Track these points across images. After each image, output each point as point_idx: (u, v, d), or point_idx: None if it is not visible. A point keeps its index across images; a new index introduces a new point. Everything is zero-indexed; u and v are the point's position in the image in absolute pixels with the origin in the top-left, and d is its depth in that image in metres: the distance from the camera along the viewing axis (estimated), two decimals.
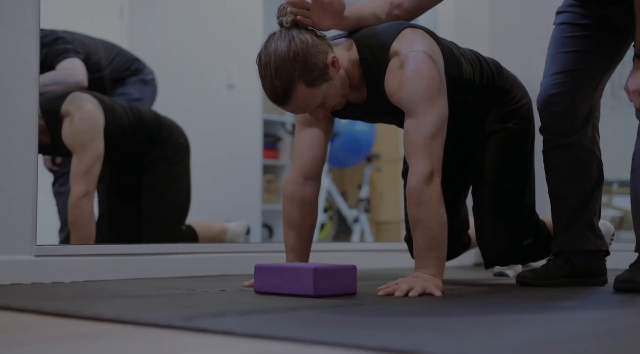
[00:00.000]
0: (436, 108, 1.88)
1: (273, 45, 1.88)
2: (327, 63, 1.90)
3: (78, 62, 3.12)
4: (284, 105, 1.91)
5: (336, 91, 1.94)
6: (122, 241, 3.14)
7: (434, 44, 1.99)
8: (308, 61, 1.86)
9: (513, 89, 2.25)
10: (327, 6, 1.95)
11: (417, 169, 1.87)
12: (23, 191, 2.17)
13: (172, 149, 3.11)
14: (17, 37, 2.20)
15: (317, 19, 1.94)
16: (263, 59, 1.89)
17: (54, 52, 3.11)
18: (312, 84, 1.87)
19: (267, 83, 1.89)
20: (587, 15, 2.15)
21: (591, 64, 2.16)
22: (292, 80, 1.86)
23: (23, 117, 2.19)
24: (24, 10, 2.20)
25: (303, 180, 2.12)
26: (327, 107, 1.95)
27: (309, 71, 1.86)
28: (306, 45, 1.88)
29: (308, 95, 1.88)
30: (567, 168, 2.18)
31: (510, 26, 3.73)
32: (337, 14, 1.98)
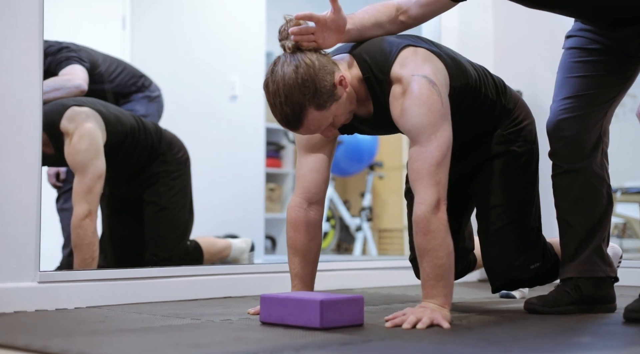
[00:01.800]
0: (440, 134, 1.86)
1: (280, 72, 1.87)
2: (335, 83, 1.89)
3: (79, 67, 3.12)
4: (296, 130, 1.91)
5: (345, 108, 1.94)
6: (126, 259, 3.13)
7: (436, 61, 1.96)
8: (317, 85, 1.86)
9: (516, 108, 2.24)
10: (330, 25, 1.94)
11: (423, 197, 1.85)
12: (26, 218, 2.16)
13: (172, 164, 3.09)
14: (21, 50, 2.18)
15: (321, 40, 1.93)
16: (271, 86, 1.88)
17: (57, 60, 3.12)
18: (322, 107, 1.87)
19: (278, 110, 1.88)
20: (597, 40, 2.13)
21: (601, 89, 2.14)
22: (303, 106, 1.85)
23: (26, 145, 2.18)
24: (27, 23, 2.19)
25: (307, 205, 2.10)
26: (336, 125, 1.95)
27: (319, 95, 1.86)
28: (313, 69, 1.87)
29: (319, 118, 1.88)
30: (576, 194, 2.16)
31: (514, 40, 3.71)
32: (340, 29, 1.96)
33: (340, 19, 1.95)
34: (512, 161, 2.20)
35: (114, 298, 2.33)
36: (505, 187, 2.20)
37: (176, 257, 3.02)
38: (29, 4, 2.21)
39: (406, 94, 1.89)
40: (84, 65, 3.16)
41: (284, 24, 1.94)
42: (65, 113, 2.79)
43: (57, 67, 3.11)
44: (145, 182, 3.06)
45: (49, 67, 3.11)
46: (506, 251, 2.18)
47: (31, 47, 2.21)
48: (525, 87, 3.52)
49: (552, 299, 2.13)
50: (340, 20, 1.95)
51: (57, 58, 3.12)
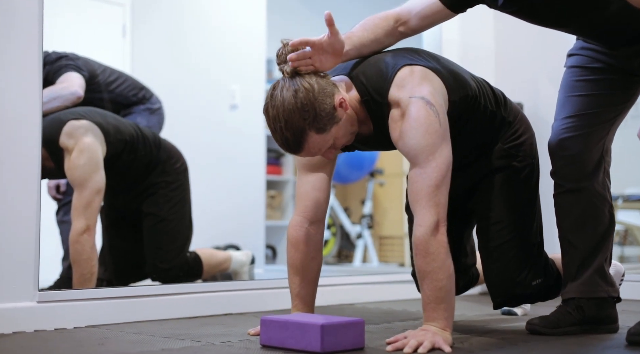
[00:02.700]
0: (438, 155, 1.85)
1: (279, 97, 1.86)
2: (335, 105, 1.88)
3: (75, 74, 3.11)
4: (297, 153, 1.90)
5: (346, 130, 1.93)
6: (126, 271, 3.12)
7: (434, 78, 1.94)
8: (317, 109, 1.85)
9: (517, 122, 2.22)
10: (327, 48, 1.93)
11: (423, 219, 1.83)
12: (25, 237, 2.15)
13: (171, 174, 3.08)
14: (20, 62, 2.18)
15: (319, 63, 1.92)
16: (271, 111, 1.87)
17: (55, 69, 3.12)
18: (322, 130, 1.86)
19: (278, 135, 1.87)
20: (599, 59, 2.12)
21: (603, 108, 2.13)
22: (304, 131, 1.84)
23: (26, 165, 2.18)
24: (26, 36, 2.19)
25: (307, 224, 2.09)
26: (337, 147, 1.94)
27: (319, 119, 1.85)
28: (312, 93, 1.86)
29: (320, 141, 1.88)
30: (578, 213, 2.15)
31: (515, 52, 3.70)
32: (337, 52, 1.95)
33: (337, 42, 1.93)
34: (512, 176, 2.19)
35: (113, 317, 2.32)
36: (506, 203, 2.18)
37: (176, 269, 3.01)
38: (28, 16, 2.20)
39: (404, 116, 1.88)
40: (82, 73, 3.16)
41: (281, 48, 1.92)
42: (63, 128, 2.78)
43: (55, 75, 3.11)
44: (144, 193, 3.05)
45: (47, 76, 3.10)
46: (508, 267, 2.17)
47: (30, 59, 2.21)
48: (526, 99, 3.51)
49: (554, 320, 2.12)
50: (337, 43, 1.93)
51: (55, 67, 3.12)
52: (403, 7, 2.10)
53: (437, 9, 2.06)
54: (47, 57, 3.13)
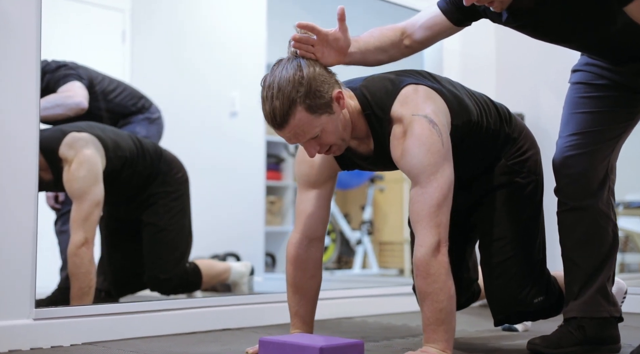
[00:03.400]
0: (440, 175, 1.83)
1: (279, 69, 1.85)
2: (332, 96, 1.85)
3: (78, 84, 3.10)
4: (280, 128, 1.84)
5: (335, 127, 1.88)
6: (125, 281, 3.11)
7: (437, 99, 1.93)
8: (312, 87, 1.82)
9: (521, 138, 2.20)
10: (332, 43, 1.91)
11: (424, 240, 1.82)
12: (21, 255, 2.13)
13: (172, 184, 3.06)
14: (17, 72, 2.17)
15: (320, 54, 1.90)
16: (268, 80, 1.85)
17: (56, 78, 3.11)
18: (312, 110, 1.82)
19: (267, 104, 1.83)
20: (603, 76, 2.10)
21: (608, 125, 2.11)
22: (294, 102, 1.80)
23: (23, 182, 2.17)
24: (23, 45, 2.18)
25: (307, 242, 2.07)
26: (322, 143, 1.88)
27: (312, 97, 1.81)
28: (313, 73, 1.84)
29: (306, 122, 1.82)
30: (581, 232, 2.13)
31: (516, 63, 3.68)
32: (341, 50, 1.94)
33: (344, 39, 1.93)
34: (516, 192, 2.16)
35: (110, 334, 2.30)
36: (509, 219, 2.16)
37: (175, 279, 2.99)
38: (25, 25, 2.19)
39: (407, 134, 1.86)
40: (83, 82, 3.15)
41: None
42: (64, 139, 2.76)
43: (56, 84, 3.09)
44: (144, 203, 3.03)
45: (47, 85, 3.09)
46: (509, 284, 2.14)
47: (28, 68, 2.19)
48: (527, 109, 3.50)
49: (555, 340, 2.10)
50: (343, 41, 1.93)
51: (56, 76, 3.10)
52: (409, 21, 2.10)
53: (441, 22, 2.06)
54: (47, 66, 3.12)
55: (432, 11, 2.08)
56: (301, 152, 2.09)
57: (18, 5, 2.18)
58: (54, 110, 2.99)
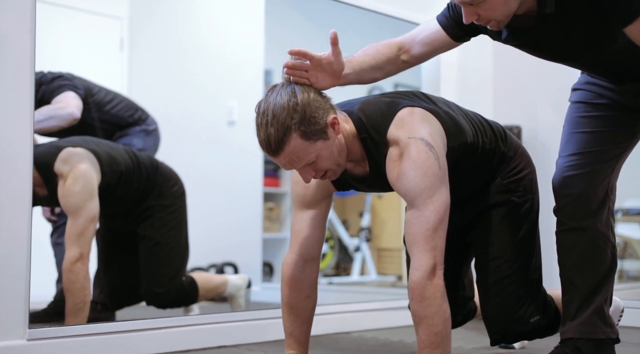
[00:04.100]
0: (436, 198, 1.83)
1: (274, 95, 1.83)
2: (327, 122, 1.84)
3: (72, 94, 3.10)
4: (275, 155, 1.84)
5: (331, 153, 1.87)
6: (122, 294, 3.10)
7: (433, 121, 1.92)
8: (307, 113, 1.81)
9: (516, 156, 2.19)
10: (325, 67, 1.90)
11: (419, 263, 1.81)
12: (15, 275, 2.12)
13: (168, 197, 3.05)
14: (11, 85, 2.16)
15: (314, 79, 1.89)
16: (262, 106, 1.84)
17: (51, 89, 3.11)
18: (307, 137, 1.81)
19: (262, 131, 1.83)
20: (603, 95, 2.09)
21: (608, 145, 2.10)
22: (288, 129, 1.79)
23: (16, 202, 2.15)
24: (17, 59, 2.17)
25: (302, 262, 2.07)
26: (318, 169, 1.88)
27: (307, 123, 1.81)
28: (307, 99, 1.83)
29: (301, 148, 1.82)
30: (579, 252, 2.12)
31: (514, 75, 3.68)
32: (335, 74, 1.93)
33: (337, 63, 1.92)
34: (511, 211, 2.16)
35: (104, 353, 2.29)
36: (505, 238, 2.16)
37: (171, 293, 2.99)
38: (20, 42, 2.18)
39: (403, 157, 1.86)
40: (78, 92, 3.14)
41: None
42: (59, 155, 2.76)
43: (51, 95, 3.09)
44: (141, 216, 3.03)
45: (43, 96, 3.09)
46: (505, 304, 2.14)
47: (22, 83, 2.19)
48: (525, 122, 3.49)
49: None
50: (337, 64, 1.92)
51: (51, 87, 3.11)
52: (406, 36, 2.09)
53: (440, 37, 2.05)
54: (43, 77, 3.12)
55: (431, 26, 2.07)
56: (296, 173, 2.08)
57: (12, 21, 2.17)
58: (48, 122, 2.99)
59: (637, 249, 5.45)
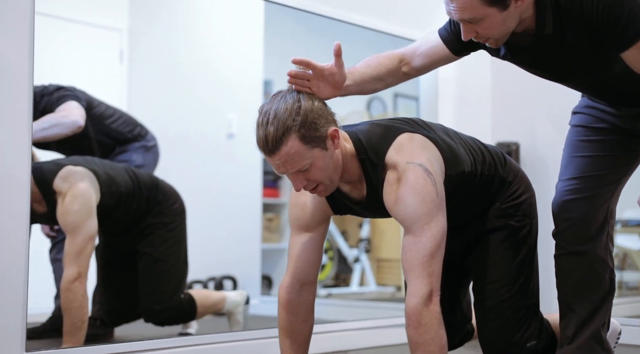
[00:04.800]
0: (433, 224, 1.83)
1: (278, 98, 1.85)
2: (328, 133, 1.85)
3: (75, 104, 3.13)
4: (271, 154, 1.83)
5: (326, 165, 1.87)
6: (121, 311, 3.11)
7: (432, 148, 1.93)
8: (309, 118, 1.82)
9: (516, 181, 2.20)
10: (327, 77, 1.92)
11: (416, 289, 1.82)
12: (11, 298, 2.12)
13: (168, 215, 3.06)
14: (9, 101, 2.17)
15: (316, 89, 1.90)
16: (265, 107, 1.85)
17: (53, 99, 3.13)
18: (306, 141, 1.81)
19: (262, 129, 1.82)
20: (603, 119, 2.10)
21: (608, 170, 2.10)
22: (288, 130, 1.80)
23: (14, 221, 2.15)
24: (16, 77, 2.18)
25: (299, 286, 2.07)
26: (310, 178, 1.87)
27: (307, 127, 1.81)
28: (312, 106, 1.84)
29: (298, 151, 1.82)
30: (578, 277, 2.13)
31: (512, 91, 3.68)
32: (337, 85, 1.94)
33: (339, 74, 1.93)
34: (510, 235, 2.16)
35: None
36: (503, 263, 2.16)
37: (169, 311, 2.99)
38: (18, 61, 2.18)
39: (401, 182, 1.86)
40: (80, 102, 3.17)
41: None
42: (59, 172, 2.77)
43: (53, 105, 3.11)
44: (141, 234, 3.04)
45: (45, 107, 3.11)
46: (502, 328, 2.14)
47: (20, 95, 2.19)
48: (523, 138, 3.49)
49: None
50: (339, 76, 1.93)
51: (54, 97, 3.13)
52: (408, 47, 2.11)
53: (440, 51, 2.07)
54: (45, 89, 3.15)
55: (433, 39, 2.08)
56: (294, 195, 2.09)
57: (10, 41, 2.18)
58: (52, 130, 3.01)
59: (636, 260, 5.45)
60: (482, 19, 1.83)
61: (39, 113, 3.09)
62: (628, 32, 1.80)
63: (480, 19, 1.83)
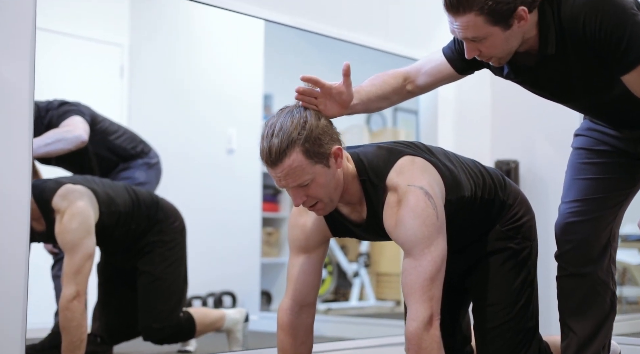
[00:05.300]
0: (434, 248, 1.84)
1: (285, 112, 1.86)
2: (332, 151, 1.86)
3: (79, 118, 3.14)
4: (273, 166, 1.83)
5: (327, 182, 1.87)
6: (120, 329, 3.10)
7: (433, 172, 1.94)
8: (314, 133, 1.83)
9: (516, 204, 2.19)
10: (335, 96, 1.93)
11: (416, 313, 1.82)
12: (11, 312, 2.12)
13: (168, 233, 3.06)
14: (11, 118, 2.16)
15: (323, 106, 1.92)
16: (271, 120, 1.86)
17: (58, 114, 3.15)
18: (309, 156, 1.82)
19: (266, 140, 1.83)
20: (605, 141, 2.10)
21: (610, 193, 2.11)
22: (292, 142, 1.80)
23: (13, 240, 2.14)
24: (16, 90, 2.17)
25: (298, 308, 2.07)
26: (310, 194, 1.87)
27: (312, 142, 1.82)
28: (318, 123, 1.86)
29: (300, 165, 1.82)
30: (579, 299, 2.13)
31: (511, 110, 3.68)
32: (344, 104, 1.95)
33: (347, 93, 1.94)
34: (510, 258, 2.16)
35: None
36: (502, 285, 2.16)
37: (168, 329, 2.98)
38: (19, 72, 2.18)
39: (401, 204, 1.86)
40: (85, 117, 3.19)
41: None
42: (58, 190, 2.76)
43: (58, 120, 3.13)
44: (141, 252, 3.03)
45: (50, 121, 3.13)
46: (502, 350, 2.13)
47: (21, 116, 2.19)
48: (522, 157, 3.49)
49: None
50: (346, 95, 1.94)
51: (58, 112, 3.15)
52: (412, 66, 2.12)
53: (445, 69, 2.08)
54: (50, 104, 3.18)
55: (437, 58, 2.09)
56: (293, 217, 2.10)
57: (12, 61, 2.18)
58: (56, 145, 3.02)
59: (635, 275, 5.45)
60: (486, 37, 1.84)
61: (44, 128, 3.11)
62: (629, 56, 1.80)
63: (484, 37, 1.84)
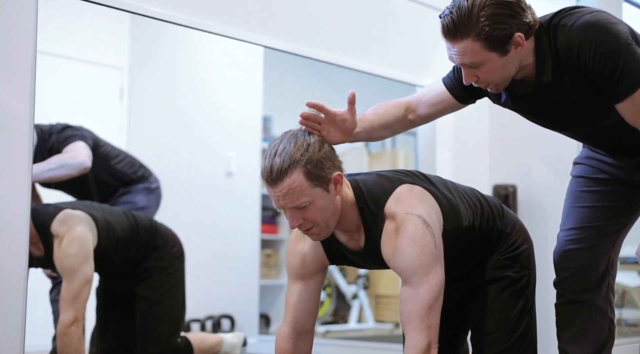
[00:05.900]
0: (432, 276, 1.84)
1: (290, 135, 1.88)
2: (332, 177, 1.87)
3: (82, 144, 3.16)
4: (273, 184, 1.84)
5: (325, 206, 1.87)
6: None
7: (431, 200, 1.94)
8: (316, 156, 1.84)
9: (514, 233, 2.19)
10: (339, 123, 1.94)
11: (414, 342, 1.82)
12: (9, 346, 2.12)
13: (167, 259, 3.06)
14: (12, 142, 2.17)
15: (326, 133, 1.93)
16: (276, 141, 1.88)
17: (62, 138, 3.17)
18: (310, 178, 1.83)
19: (268, 159, 1.85)
20: (603, 170, 2.11)
21: (609, 221, 2.11)
22: (295, 163, 1.82)
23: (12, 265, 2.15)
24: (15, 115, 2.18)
25: (296, 336, 2.07)
26: (307, 217, 1.87)
27: (314, 165, 1.83)
28: (321, 147, 1.87)
29: (300, 185, 1.83)
30: (577, 326, 2.13)
31: (509, 134, 3.69)
32: (347, 131, 1.97)
33: (350, 121, 1.96)
34: (508, 286, 2.15)
35: None
36: (501, 313, 2.15)
37: None
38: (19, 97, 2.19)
39: (399, 232, 1.87)
40: (87, 142, 3.20)
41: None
42: (57, 215, 2.77)
43: (61, 145, 3.15)
44: (139, 277, 3.03)
45: (53, 145, 3.15)
46: None
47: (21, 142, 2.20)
48: (520, 181, 3.49)
49: None
50: (350, 123, 1.95)
51: (62, 136, 3.17)
52: (414, 96, 2.14)
53: (445, 98, 2.10)
54: (53, 127, 3.20)
55: (437, 88, 2.11)
56: (291, 244, 2.10)
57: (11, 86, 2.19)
58: (59, 171, 3.03)
59: (635, 298, 5.44)
60: (483, 63, 1.86)
61: (47, 151, 3.13)
62: (622, 84, 1.81)
63: (481, 63, 1.86)
